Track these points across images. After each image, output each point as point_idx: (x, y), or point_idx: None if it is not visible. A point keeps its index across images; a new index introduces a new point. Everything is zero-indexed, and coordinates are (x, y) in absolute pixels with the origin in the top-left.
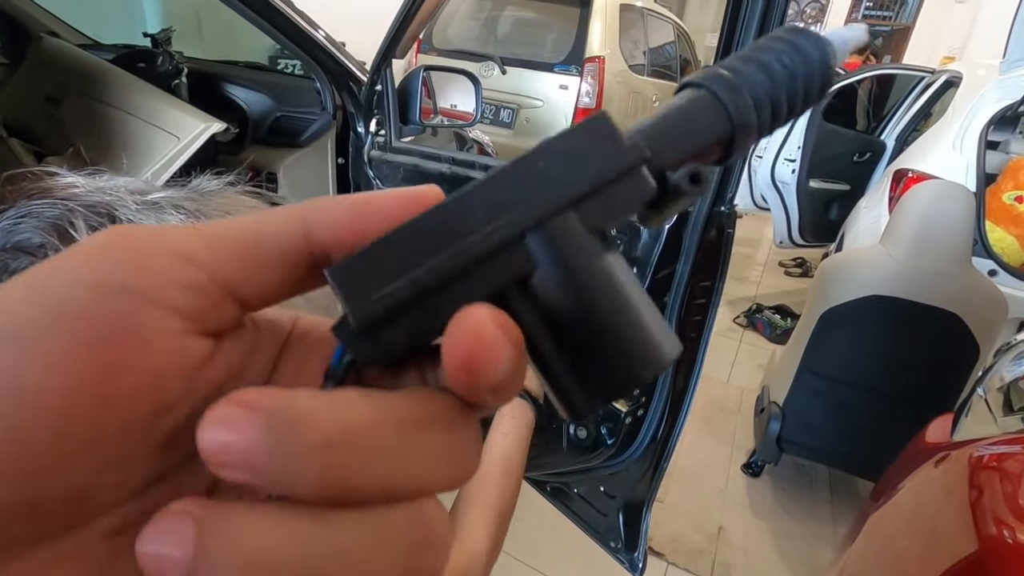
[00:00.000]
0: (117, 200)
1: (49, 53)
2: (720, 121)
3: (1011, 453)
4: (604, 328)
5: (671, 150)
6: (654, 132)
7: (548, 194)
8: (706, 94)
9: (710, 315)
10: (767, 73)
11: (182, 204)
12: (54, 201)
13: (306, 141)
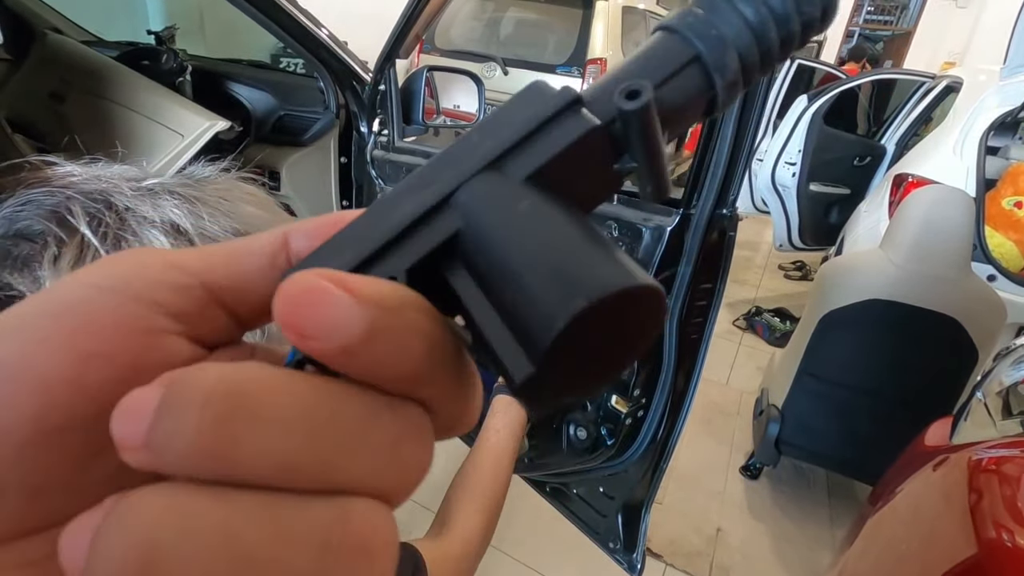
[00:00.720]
0: (113, 187)
1: (53, 50)
2: (695, 74)
3: (1010, 457)
4: (524, 271)
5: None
6: (606, 77)
7: (472, 156)
8: (678, 40)
9: (711, 317)
10: (758, 6)
11: (177, 190)
12: (52, 189)
13: (309, 140)
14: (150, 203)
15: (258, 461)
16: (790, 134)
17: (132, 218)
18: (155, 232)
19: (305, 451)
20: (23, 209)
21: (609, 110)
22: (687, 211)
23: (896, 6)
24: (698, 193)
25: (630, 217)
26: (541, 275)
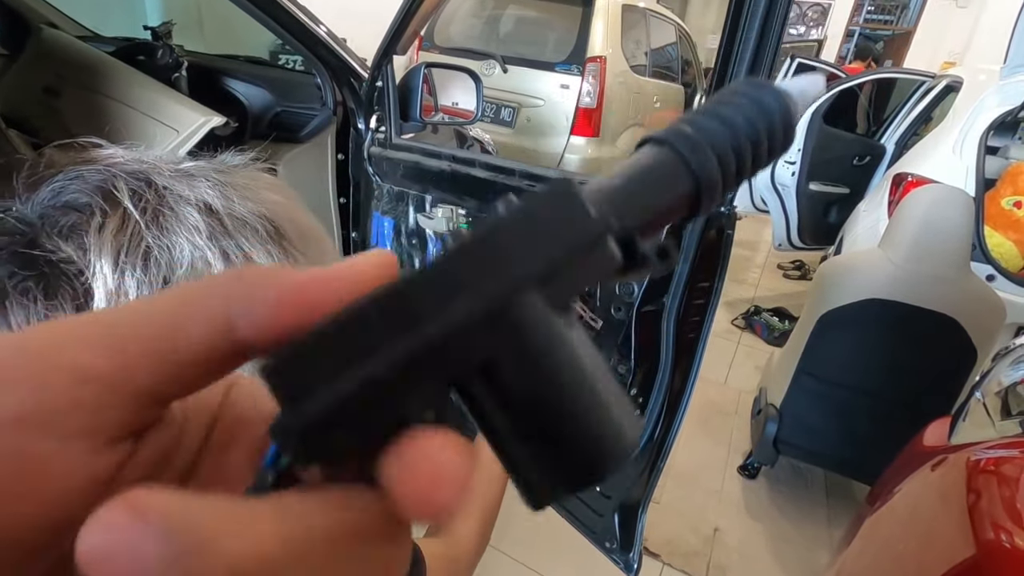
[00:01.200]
0: (153, 168)
1: (48, 44)
2: (685, 180)
3: (1009, 457)
4: (567, 415)
5: (637, 214)
6: (619, 197)
7: (509, 272)
8: (669, 152)
9: (708, 316)
10: (730, 127)
11: (210, 174)
12: (99, 167)
13: (306, 137)
14: (186, 184)
15: None
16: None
17: (170, 196)
18: (189, 209)
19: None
20: (72, 183)
21: (630, 244)
22: None
23: (896, 6)
24: None
25: None
26: (588, 425)
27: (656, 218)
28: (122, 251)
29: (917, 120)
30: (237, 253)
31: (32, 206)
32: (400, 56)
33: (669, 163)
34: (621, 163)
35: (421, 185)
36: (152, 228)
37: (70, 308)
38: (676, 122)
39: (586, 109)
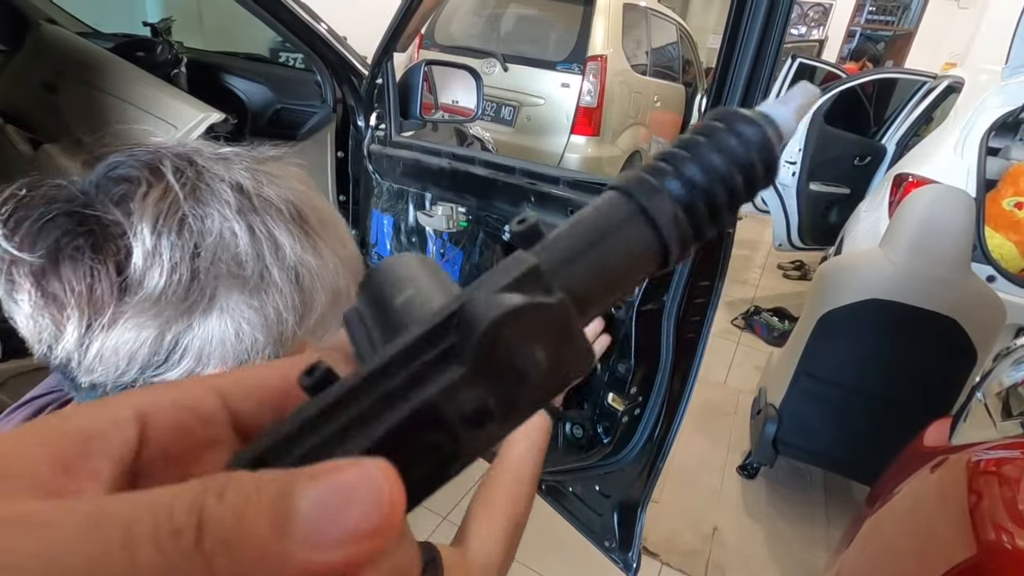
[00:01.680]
0: (195, 151)
1: (48, 40)
2: (645, 237)
3: (1010, 458)
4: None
5: (593, 287)
6: (571, 266)
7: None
8: (627, 203)
9: (709, 315)
10: (701, 167)
11: (244, 160)
12: (148, 149)
13: (306, 134)
14: (223, 166)
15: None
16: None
17: (207, 174)
18: (223, 186)
19: None
20: (125, 160)
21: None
22: None
23: (898, 6)
24: None
25: None
26: None
27: (616, 288)
28: (161, 217)
29: (918, 120)
30: (262, 229)
31: (90, 178)
32: (400, 54)
33: (626, 215)
34: (580, 214)
35: (421, 183)
36: (189, 200)
37: (112, 264)
38: (642, 167)
39: (586, 108)
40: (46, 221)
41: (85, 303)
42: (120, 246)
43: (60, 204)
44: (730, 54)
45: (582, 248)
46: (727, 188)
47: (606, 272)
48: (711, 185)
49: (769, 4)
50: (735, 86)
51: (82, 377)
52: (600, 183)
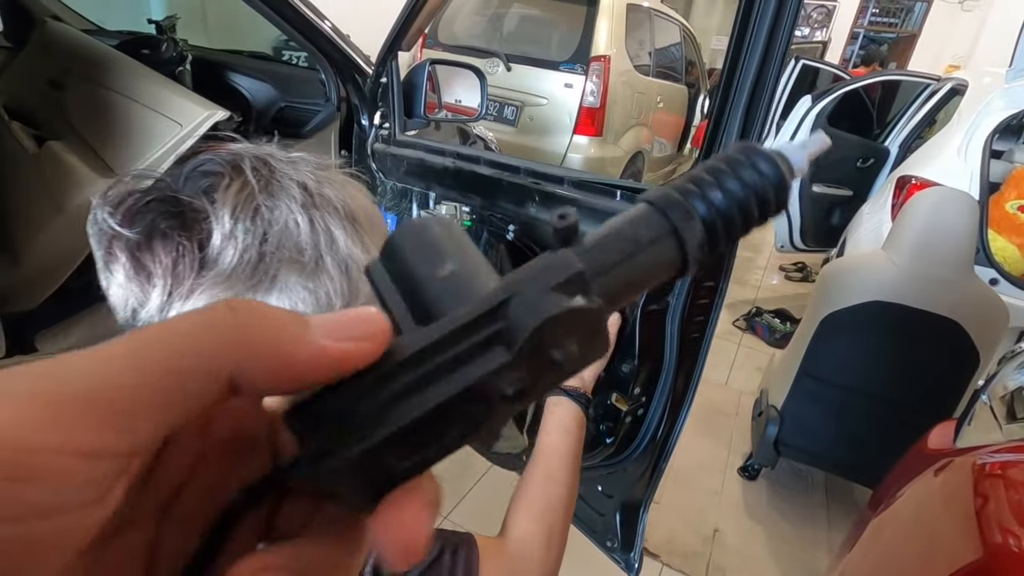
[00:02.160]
0: (270, 154)
1: (53, 37)
2: (671, 250)
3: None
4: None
5: (622, 289)
6: (609, 269)
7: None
8: (661, 220)
9: (713, 316)
10: (725, 195)
11: (310, 164)
12: (231, 150)
13: (310, 132)
14: (292, 167)
15: None
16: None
17: (279, 173)
18: (291, 184)
19: None
20: (210, 158)
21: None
22: None
23: (901, 8)
24: None
25: None
26: None
27: (637, 293)
28: (239, 205)
29: (921, 123)
30: (320, 222)
31: (182, 172)
32: (404, 53)
33: (659, 233)
34: (616, 223)
35: (425, 182)
36: (263, 193)
37: (196, 242)
38: (672, 186)
39: (589, 108)
40: (145, 204)
41: (170, 274)
42: (203, 228)
43: (156, 191)
44: (737, 55)
45: (618, 259)
46: (744, 216)
47: (634, 281)
48: (731, 212)
49: (777, 5)
50: (742, 87)
51: None
52: (605, 183)
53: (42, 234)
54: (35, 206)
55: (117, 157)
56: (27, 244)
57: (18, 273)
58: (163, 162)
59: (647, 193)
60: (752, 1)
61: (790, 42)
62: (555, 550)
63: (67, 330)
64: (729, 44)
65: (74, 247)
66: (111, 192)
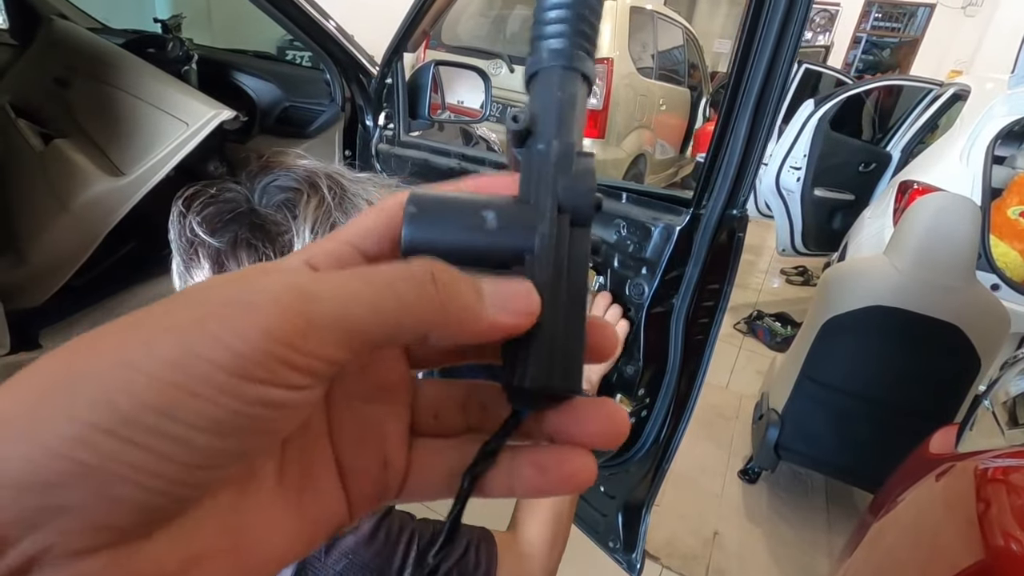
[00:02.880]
0: (340, 173)
1: (59, 35)
2: (586, 88)
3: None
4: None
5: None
6: (574, 129)
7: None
8: (576, 76)
9: (717, 318)
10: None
11: (376, 182)
12: (304, 167)
13: (314, 132)
14: (360, 186)
15: None
16: (796, 138)
17: (350, 191)
18: (361, 200)
19: None
20: (285, 174)
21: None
22: (697, 211)
23: (904, 13)
24: (708, 193)
25: (639, 216)
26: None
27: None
28: (318, 221)
29: (924, 128)
30: None
31: (255, 187)
32: (408, 54)
33: (581, 86)
34: (557, 95)
35: (429, 183)
36: (338, 210)
37: (279, 254)
38: (565, 41)
39: (592, 110)
40: (230, 215)
41: None
42: (285, 241)
43: (237, 204)
44: (745, 58)
45: (573, 117)
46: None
47: (583, 122)
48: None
49: (786, 8)
50: (750, 90)
51: None
52: (609, 185)
53: (47, 232)
54: (41, 204)
55: (123, 155)
56: (32, 242)
57: (23, 270)
58: (169, 160)
59: (551, 59)
60: (760, 5)
61: (799, 45)
62: (557, 551)
63: (71, 327)
64: (737, 46)
65: (79, 245)
66: (196, 201)
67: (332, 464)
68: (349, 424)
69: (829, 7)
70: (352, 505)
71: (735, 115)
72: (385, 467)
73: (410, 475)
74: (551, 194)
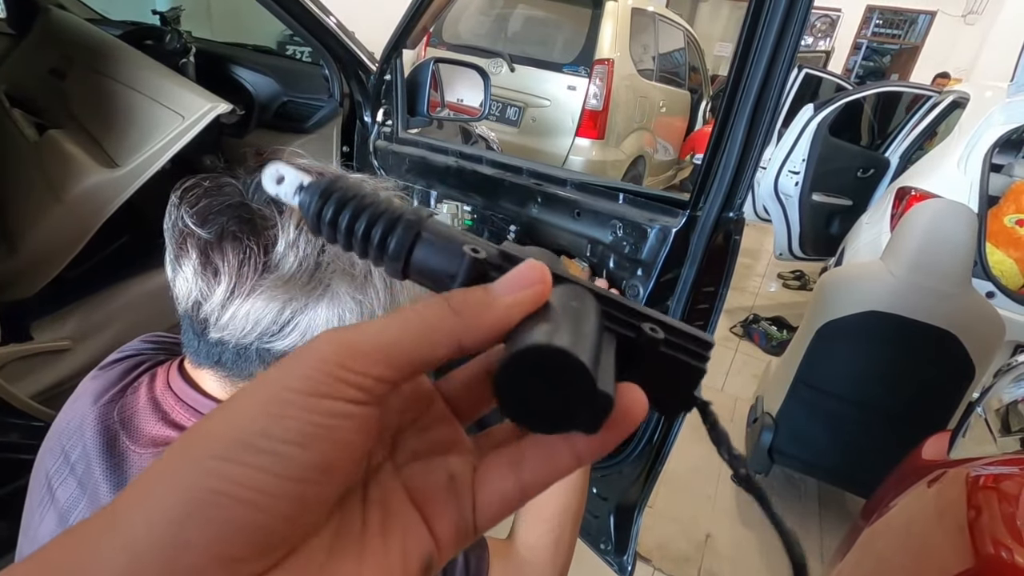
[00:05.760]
0: (334, 172)
1: (56, 25)
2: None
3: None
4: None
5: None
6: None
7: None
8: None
9: (712, 320)
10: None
11: (369, 183)
12: (299, 166)
13: (312, 127)
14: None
15: None
16: (795, 143)
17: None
18: None
19: None
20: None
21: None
22: (693, 213)
23: (904, 20)
24: (705, 195)
25: (635, 217)
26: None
27: None
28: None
29: (922, 134)
30: None
31: (250, 183)
32: (408, 51)
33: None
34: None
35: (426, 180)
36: None
37: (262, 247)
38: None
39: (592, 111)
40: (220, 208)
41: (235, 273)
42: (270, 235)
43: (230, 197)
44: (744, 61)
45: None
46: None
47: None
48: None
49: (784, 13)
50: (747, 93)
51: (212, 333)
52: (607, 186)
53: (40, 223)
54: (34, 194)
55: (118, 147)
56: (25, 232)
57: (15, 261)
58: (164, 153)
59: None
60: (760, 8)
61: (796, 50)
62: (562, 557)
63: (63, 319)
64: (736, 51)
65: (72, 237)
66: (190, 193)
67: (409, 505)
68: (418, 473)
69: (830, 13)
70: (436, 534)
71: (733, 118)
72: (458, 495)
73: (478, 492)
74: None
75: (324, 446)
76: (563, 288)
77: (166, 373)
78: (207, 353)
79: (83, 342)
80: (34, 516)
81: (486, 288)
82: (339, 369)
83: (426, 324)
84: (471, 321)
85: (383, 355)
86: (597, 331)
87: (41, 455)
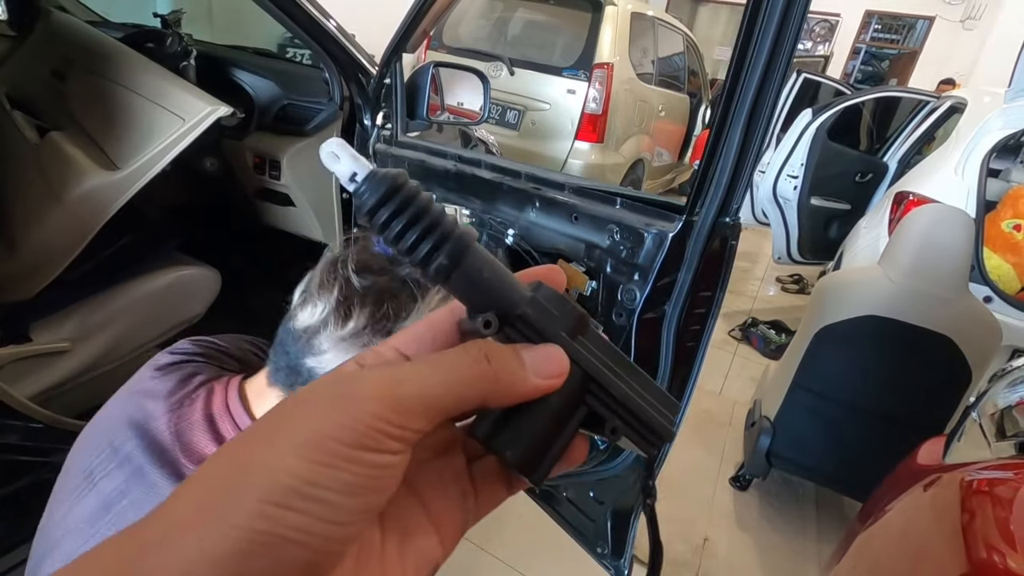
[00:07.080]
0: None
1: (57, 27)
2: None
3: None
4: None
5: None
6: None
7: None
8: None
9: (709, 325)
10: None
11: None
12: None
13: (311, 130)
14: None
15: None
16: (793, 147)
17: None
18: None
19: None
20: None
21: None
22: (690, 217)
23: (903, 25)
24: (702, 200)
25: (632, 222)
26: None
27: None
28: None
29: (920, 139)
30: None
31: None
32: (408, 54)
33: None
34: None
35: (426, 184)
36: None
37: (394, 314)
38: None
39: (591, 115)
40: (380, 268)
41: (363, 326)
42: (409, 308)
43: (385, 264)
44: (740, 66)
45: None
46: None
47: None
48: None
49: (781, 17)
50: (744, 98)
51: (309, 360)
52: (605, 191)
53: (40, 224)
54: (34, 196)
55: (118, 149)
56: (24, 234)
57: (14, 263)
58: (165, 156)
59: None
60: (756, 13)
61: (792, 55)
62: None
63: (61, 321)
64: (732, 55)
65: (72, 238)
66: (359, 257)
67: (422, 515)
68: (428, 475)
69: (829, 18)
70: (443, 538)
71: (729, 122)
72: (464, 496)
73: (479, 492)
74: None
75: (369, 494)
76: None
77: (224, 392)
78: (287, 373)
79: (82, 343)
80: (64, 503)
81: (522, 362)
82: (385, 424)
83: (464, 383)
84: (503, 389)
85: (423, 408)
86: (560, 426)
87: (80, 445)
